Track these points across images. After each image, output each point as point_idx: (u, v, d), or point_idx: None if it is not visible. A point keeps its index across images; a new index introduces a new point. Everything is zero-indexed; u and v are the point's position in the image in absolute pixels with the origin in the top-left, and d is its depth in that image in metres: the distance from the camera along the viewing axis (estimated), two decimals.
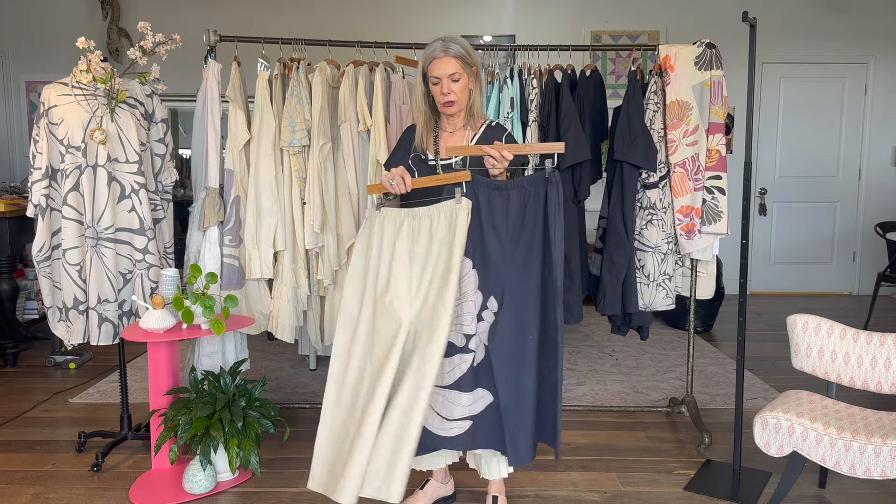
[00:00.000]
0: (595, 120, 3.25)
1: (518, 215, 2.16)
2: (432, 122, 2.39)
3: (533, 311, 2.17)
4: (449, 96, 2.27)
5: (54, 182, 2.81)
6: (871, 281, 6.15)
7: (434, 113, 2.39)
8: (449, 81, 2.26)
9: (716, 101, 3.01)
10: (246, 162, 3.08)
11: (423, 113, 2.37)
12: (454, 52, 2.25)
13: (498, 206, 2.16)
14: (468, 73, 2.29)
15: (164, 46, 2.88)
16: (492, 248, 2.16)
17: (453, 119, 2.37)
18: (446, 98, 2.28)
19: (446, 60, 2.25)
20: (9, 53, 6.19)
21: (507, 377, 2.17)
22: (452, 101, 2.28)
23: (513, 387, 2.18)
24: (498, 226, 2.16)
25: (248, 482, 2.76)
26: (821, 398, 2.53)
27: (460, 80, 2.27)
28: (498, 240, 2.16)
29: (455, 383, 2.19)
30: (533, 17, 6.23)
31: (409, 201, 2.27)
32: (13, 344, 4.22)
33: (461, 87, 2.28)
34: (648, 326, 3.25)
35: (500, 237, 2.16)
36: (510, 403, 2.18)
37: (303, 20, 6.07)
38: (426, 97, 2.35)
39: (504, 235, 2.16)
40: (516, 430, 2.18)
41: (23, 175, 6.06)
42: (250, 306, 3.14)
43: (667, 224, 3.08)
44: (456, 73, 2.25)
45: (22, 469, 2.87)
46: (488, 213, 2.16)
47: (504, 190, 2.16)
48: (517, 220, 2.16)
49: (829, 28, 6.25)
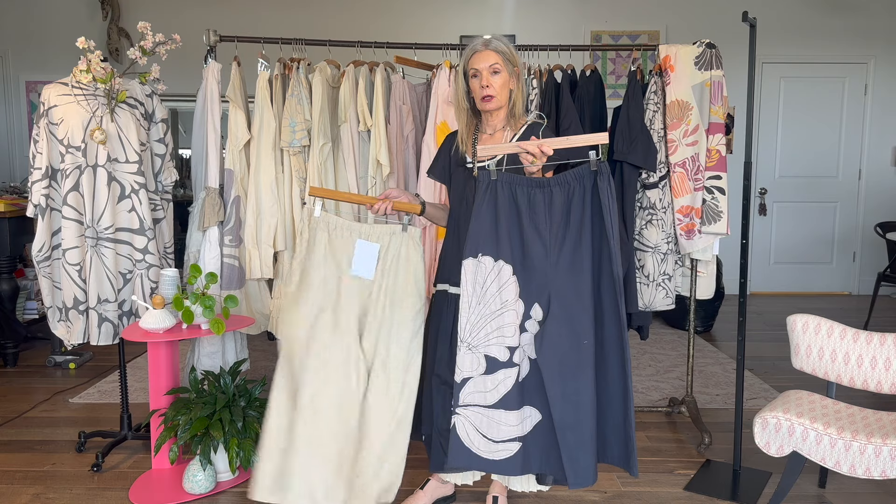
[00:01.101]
0: (595, 120, 3.25)
1: (563, 213, 2.03)
2: (473, 123, 2.35)
3: (587, 314, 2.01)
4: (487, 90, 2.21)
5: (54, 182, 2.81)
6: (871, 281, 6.15)
7: (475, 114, 2.35)
8: (488, 74, 2.21)
9: (716, 101, 3.01)
10: (246, 162, 3.08)
11: (465, 112, 2.32)
12: (495, 46, 2.23)
13: (540, 205, 2.03)
14: (509, 71, 2.24)
15: (164, 46, 2.88)
16: (535, 252, 2.03)
17: (493, 120, 2.31)
18: (485, 91, 2.22)
19: (487, 53, 2.22)
20: (9, 53, 6.19)
21: (561, 390, 2.01)
22: (491, 96, 2.22)
23: (569, 401, 2.01)
24: (540, 226, 2.03)
25: (248, 482, 2.75)
26: (821, 398, 2.53)
27: (500, 75, 2.22)
28: (541, 241, 2.03)
29: (500, 401, 2.04)
30: (533, 17, 6.23)
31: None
32: (13, 344, 4.22)
33: (501, 82, 2.22)
34: (648, 326, 3.25)
35: (544, 238, 2.04)
36: (567, 419, 2.01)
37: (303, 20, 6.07)
38: (467, 95, 2.30)
39: (548, 236, 2.04)
40: (576, 448, 2.01)
41: (23, 175, 6.06)
42: (250, 306, 3.14)
43: (667, 224, 3.08)
44: (496, 65, 2.20)
45: (22, 469, 2.86)
46: (529, 213, 2.04)
47: (546, 187, 2.03)
48: (562, 218, 2.03)
49: (829, 28, 6.25)
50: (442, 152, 2.45)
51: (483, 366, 2.06)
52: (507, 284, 2.05)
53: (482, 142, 2.32)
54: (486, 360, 2.06)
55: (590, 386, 2.02)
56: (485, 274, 2.05)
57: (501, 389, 2.05)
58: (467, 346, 2.06)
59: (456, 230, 2.31)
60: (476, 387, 2.06)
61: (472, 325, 2.06)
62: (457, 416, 2.06)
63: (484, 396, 2.05)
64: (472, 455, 2.06)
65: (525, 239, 2.04)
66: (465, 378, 2.06)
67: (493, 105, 2.25)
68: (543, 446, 2.07)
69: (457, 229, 2.30)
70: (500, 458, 2.06)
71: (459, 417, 2.06)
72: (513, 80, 2.27)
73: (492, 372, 2.05)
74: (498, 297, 2.05)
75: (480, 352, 2.06)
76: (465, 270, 2.05)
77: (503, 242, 2.05)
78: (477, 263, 2.05)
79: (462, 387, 2.06)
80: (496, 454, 2.06)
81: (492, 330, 2.05)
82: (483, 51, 2.23)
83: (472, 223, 2.07)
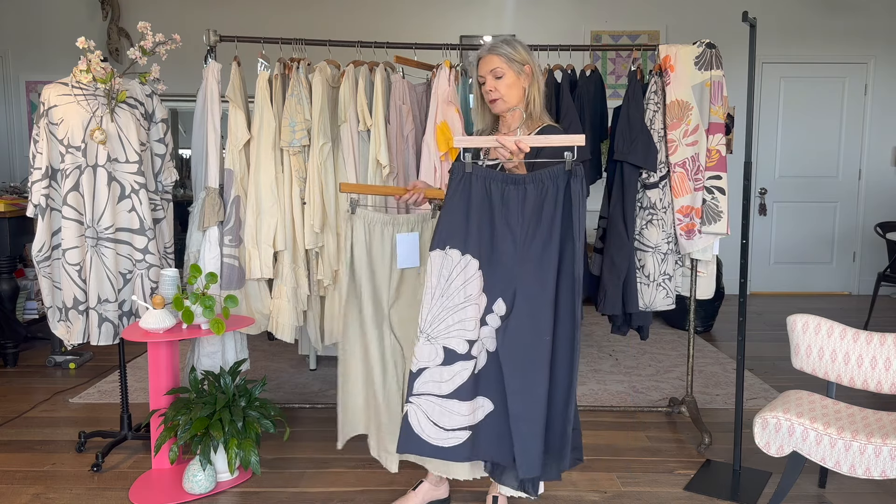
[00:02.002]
0: (595, 120, 3.25)
1: (535, 210, 2.03)
2: (491, 125, 2.41)
3: (549, 311, 2.03)
4: (492, 94, 2.26)
5: (54, 182, 2.81)
6: (871, 281, 6.16)
7: (495, 117, 2.40)
8: (492, 78, 2.25)
9: (716, 101, 3.01)
10: (246, 162, 3.08)
11: (482, 115, 2.40)
12: (495, 50, 2.26)
13: (513, 201, 2.03)
14: (516, 71, 2.26)
15: (164, 46, 2.88)
16: (504, 247, 2.05)
17: (507, 120, 2.34)
18: (490, 96, 2.28)
19: (489, 58, 2.26)
20: (9, 53, 6.19)
21: (520, 384, 2.05)
22: (496, 99, 2.27)
23: (526, 393, 2.04)
24: (512, 222, 2.04)
25: (248, 482, 2.75)
26: (821, 398, 2.53)
27: (504, 77, 2.25)
28: (512, 238, 2.04)
29: (454, 392, 2.09)
30: (533, 17, 6.23)
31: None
32: (13, 344, 4.22)
33: (506, 84, 2.25)
34: (648, 326, 3.25)
35: (515, 235, 2.04)
36: (522, 411, 2.05)
37: (303, 20, 6.07)
38: (482, 100, 2.37)
39: (518, 233, 2.04)
40: (528, 439, 2.05)
41: (23, 175, 6.06)
42: (250, 306, 3.14)
43: (667, 224, 3.08)
44: (498, 69, 2.24)
45: (22, 469, 2.86)
46: (502, 209, 2.04)
47: (520, 184, 2.03)
48: (533, 216, 2.03)
49: (829, 28, 6.25)
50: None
51: (441, 357, 2.10)
52: (472, 279, 2.06)
53: None
54: (445, 351, 2.09)
55: (546, 380, 2.05)
56: (451, 267, 2.07)
57: (457, 380, 2.09)
58: (426, 337, 2.09)
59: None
60: (432, 376, 2.10)
61: (433, 317, 2.09)
62: (410, 404, 2.11)
63: (439, 386, 2.10)
64: (421, 442, 2.11)
65: (495, 234, 2.05)
66: (421, 368, 2.10)
67: (500, 107, 2.29)
68: (494, 435, 2.10)
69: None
70: (448, 444, 2.11)
71: (412, 406, 2.11)
72: (523, 78, 2.28)
73: (449, 363, 2.09)
74: (462, 290, 2.07)
75: (440, 343, 2.09)
76: (431, 262, 2.07)
77: (472, 237, 2.06)
78: (444, 256, 2.07)
79: (417, 376, 2.11)
80: (445, 441, 2.11)
81: (453, 322, 2.08)
82: (485, 56, 2.28)
83: (443, 215, 2.07)
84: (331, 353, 4.14)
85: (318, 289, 3.19)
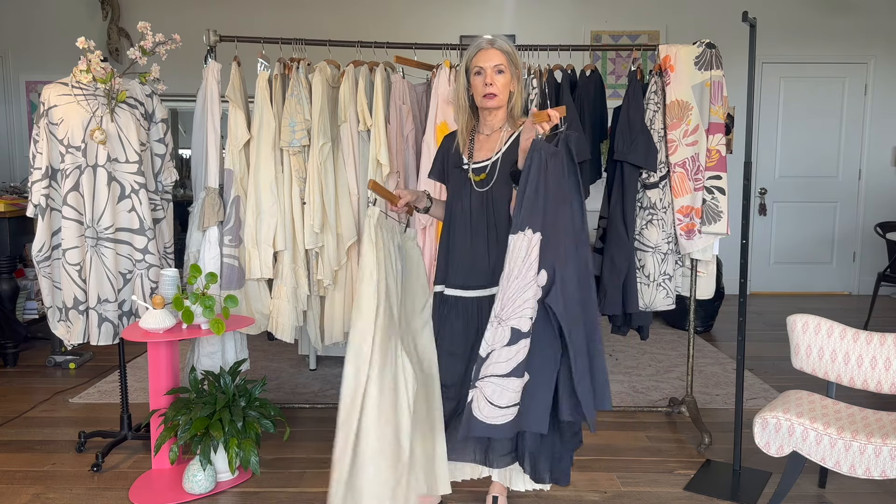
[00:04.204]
0: (595, 120, 3.25)
1: (557, 179, 2.09)
2: (471, 124, 2.36)
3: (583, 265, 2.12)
4: (491, 88, 2.23)
5: (54, 182, 2.81)
6: (871, 281, 6.15)
7: (474, 114, 2.36)
8: (493, 72, 2.23)
9: (716, 101, 3.01)
10: (246, 162, 3.08)
11: (464, 111, 2.34)
12: (500, 46, 2.25)
13: (552, 174, 2.08)
14: (512, 72, 2.26)
15: (164, 46, 2.88)
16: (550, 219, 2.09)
17: (491, 119, 2.32)
18: (488, 90, 2.23)
19: (493, 52, 2.24)
20: (9, 53, 6.19)
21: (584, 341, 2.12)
22: (494, 94, 2.24)
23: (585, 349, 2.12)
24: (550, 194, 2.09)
25: (248, 482, 2.75)
26: (821, 398, 2.53)
27: (504, 74, 2.24)
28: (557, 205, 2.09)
29: (513, 370, 2.07)
30: (533, 17, 6.23)
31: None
32: (13, 344, 4.22)
33: (503, 82, 2.24)
34: (648, 326, 3.25)
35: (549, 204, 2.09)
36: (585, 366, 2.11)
37: (303, 20, 6.07)
38: (467, 93, 2.31)
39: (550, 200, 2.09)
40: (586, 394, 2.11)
41: (23, 175, 6.06)
42: (250, 306, 3.14)
43: (667, 224, 3.08)
44: (501, 65, 2.23)
45: (22, 469, 2.86)
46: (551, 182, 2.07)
47: (537, 151, 2.06)
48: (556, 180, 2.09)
49: (829, 28, 6.25)
50: (440, 153, 2.47)
51: (507, 337, 2.08)
52: (535, 256, 2.07)
53: (479, 142, 2.34)
54: (512, 331, 2.07)
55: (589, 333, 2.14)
56: (528, 247, 2.07)
57: (518, 358, 2.08)
58: (498, 321, 2.08)
59: (451, 231, 2.33)
60: (498, 357, 2.09)
61: (507, 298, 2.07)
62: (474, 389, 2.09)
63: (501, 366, 2.09)
64: (479, 424, 2.10)
65: (547, 206, 2.07)
66: (490, 351, 2.09)
67: (494, 103, 2.26)
68: (530, 406, 2.12)
69: (452, 230, 2.32)
70: (500, 422, 2.10)
71: (476, 391, 2.09)
72: (514, 81, 2.29)
73: (514, 343, 2.08)
74: (531, 268, 2.06)
75: (509, 324, 2.07)
76: (515, 244, 2.06)
77: (539, 214, 2.07)
78: (523, 237, 2.06)
79: (485, 360, 2.09)
80: (498, 419, 2.10)
81: (522, 302, 2.07)
82: (489, 49, 2.24)
83: (520, 193, 2.07)
84: (331, 354, 4.15)
85: (317, 289, 3.19)
